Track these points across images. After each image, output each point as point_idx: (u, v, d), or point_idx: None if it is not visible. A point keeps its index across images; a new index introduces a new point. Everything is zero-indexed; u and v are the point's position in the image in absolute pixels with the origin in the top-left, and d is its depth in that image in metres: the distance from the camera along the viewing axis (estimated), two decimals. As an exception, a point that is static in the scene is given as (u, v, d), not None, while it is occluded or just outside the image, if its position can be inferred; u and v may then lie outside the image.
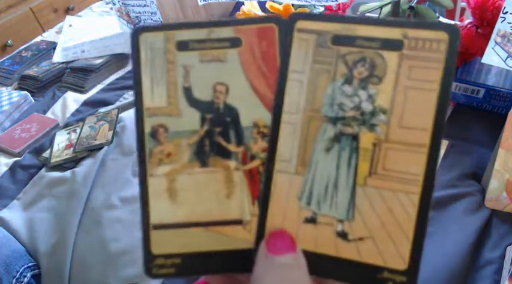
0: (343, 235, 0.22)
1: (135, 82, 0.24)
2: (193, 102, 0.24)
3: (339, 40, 0.23)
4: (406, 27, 0.22)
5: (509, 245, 0.48)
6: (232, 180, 0.23)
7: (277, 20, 0.24)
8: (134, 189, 0.70)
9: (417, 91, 0.22)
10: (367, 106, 0.22)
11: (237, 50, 0.24)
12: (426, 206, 0.21)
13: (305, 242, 0.22)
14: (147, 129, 0.24)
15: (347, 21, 0.23)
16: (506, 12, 0.51)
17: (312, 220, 0.22)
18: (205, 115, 0.24)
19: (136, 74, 0.24)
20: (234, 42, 0.24)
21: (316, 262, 0.22)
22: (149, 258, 0.23)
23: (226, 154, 0.23)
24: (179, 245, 0.23)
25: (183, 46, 0.24)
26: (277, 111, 0.23)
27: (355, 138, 0.22)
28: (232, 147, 0.23)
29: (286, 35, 0.23)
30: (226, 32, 0.24)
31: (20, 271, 0.62)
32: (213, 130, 0.24)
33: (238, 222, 0.23)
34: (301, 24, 0.23)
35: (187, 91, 0.24)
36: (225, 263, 0.23)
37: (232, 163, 0.23)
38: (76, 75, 1.03)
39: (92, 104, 0.94)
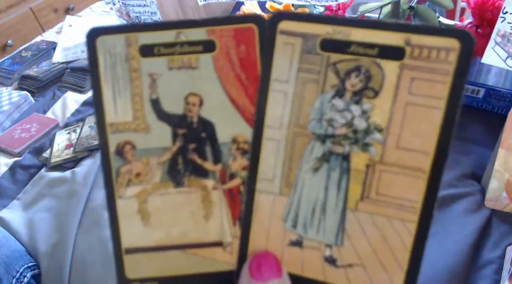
0: (331, 261, 0.20)
1: (94, 94, 0.21)
2: (162, 115, 0.21)
3: (329, 45, 0.20)
4: (410, 32, 0.19)
5: (509, 245, 0.48)
6: (210, 200, 0.21)
7: (257, 20, 0.20)
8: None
9: (419, 108, 0.19)
10: (360, 123, 0.20)
11: (211, 55, 0.21)
12: (423, 235, 0.19)
13: (290, 265, 0.21)
14: (112, 146, 0.21)
15: (339, 23, 0.19)
16: (506, 12, 0.50)
17: (297, 244, 0.21)
18: (177, 130, 0.21)
19: (95, 84, 0.21)
20: (207, 46, 0.21)
21: None
22: (124, 283, 0.21)
23: (202, 173, 0.21)
24: (155, 269, 0.21)
25: (147, 51, 0.21)
26: (258, 125, 0.21)
27: (346, 158, 0.20)
28: (209, 165, 0.21)
29: (268, 38, 0.20)
30: (198, 34, 0.21)
31: (20, 271, 0.62)
32: (186, 147, 0.21)
33: (218, 244, 0.21)
34: (285, 25, 0.20)
35: (155, 103, 0.21)
36: None
37: (209, 183, 0.21)
38: (76, 75, 1.03)
39: (92, 104, 0.94)
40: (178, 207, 0.21)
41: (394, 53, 0.19)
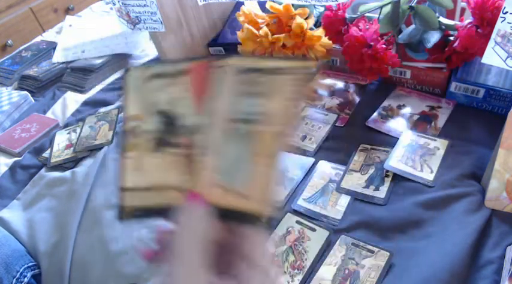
0: None
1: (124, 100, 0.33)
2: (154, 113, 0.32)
3: None
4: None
5: (509, 245, 0.48)
6: (178, 161, 0.31)
7: None
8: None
9: None
10: None
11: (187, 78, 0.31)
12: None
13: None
14: (128, 128, 0.33)
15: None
16: (506, 12, 0.50)
17: None
18: (162, 120, 0.32)
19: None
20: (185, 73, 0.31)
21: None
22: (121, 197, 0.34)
23: (175, 145, 0.31)
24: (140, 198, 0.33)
25: (154, 76, 0.32)
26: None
27: None
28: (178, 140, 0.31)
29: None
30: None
31: (20, 270, 0.62)
32: (166, 129, 0.32)
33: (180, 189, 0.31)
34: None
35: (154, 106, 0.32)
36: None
37: (178, 151, 0.31)
38: (76, 75, 1.03)
39: (92, 104, 0.94)
40: (158, 165, 0.31)
41: None
